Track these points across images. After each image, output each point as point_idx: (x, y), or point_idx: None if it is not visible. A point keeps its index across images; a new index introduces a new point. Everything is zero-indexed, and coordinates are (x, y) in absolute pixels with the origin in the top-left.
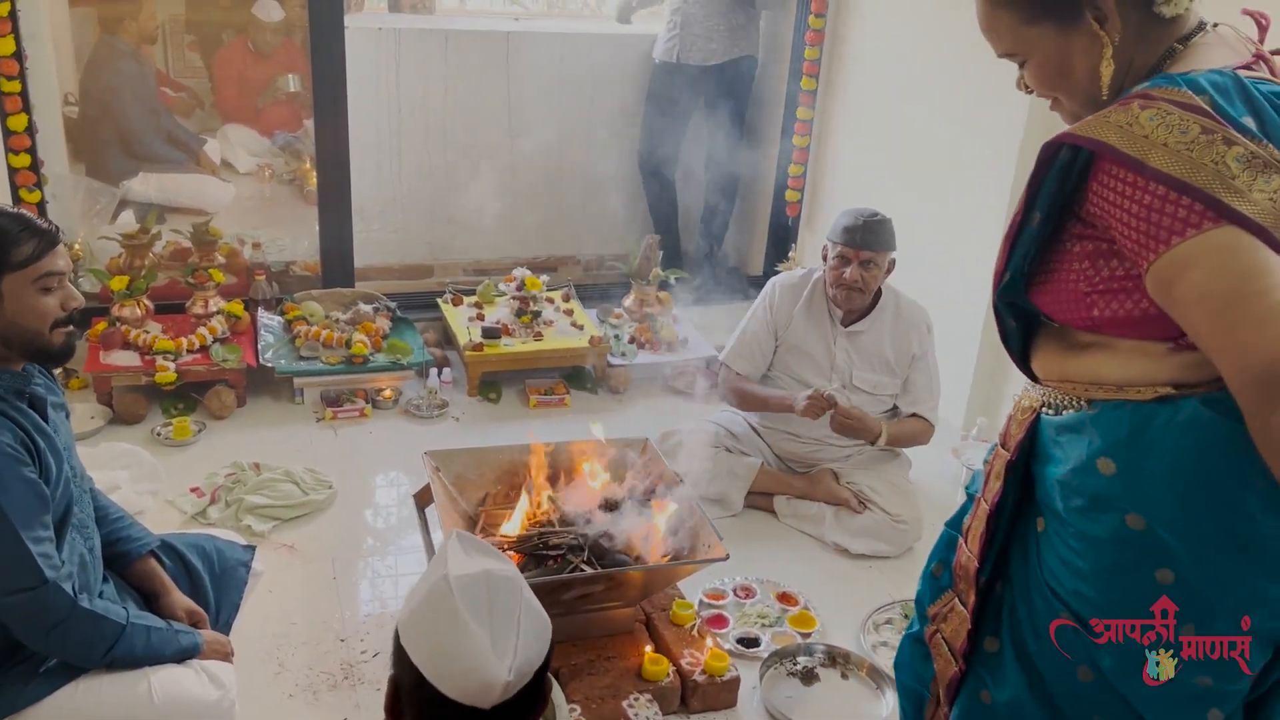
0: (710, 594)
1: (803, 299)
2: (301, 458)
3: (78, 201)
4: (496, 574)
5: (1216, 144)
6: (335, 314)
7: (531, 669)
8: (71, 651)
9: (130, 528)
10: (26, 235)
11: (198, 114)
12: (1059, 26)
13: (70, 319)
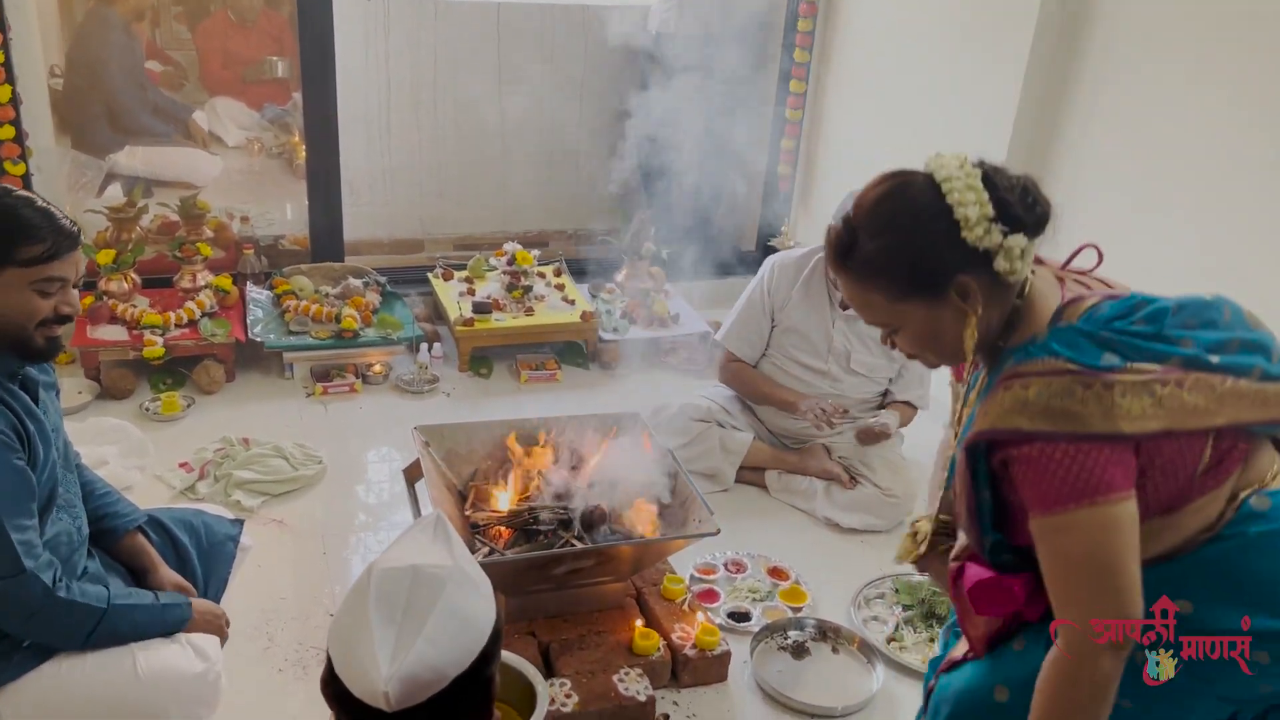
0: (701, 569)
1: (801, 279)
2: (291, 433)
3: (63, 174)
4: (425, 571)
5: (1097, 390)
6: (325, 289)
7: (437, 675)
8: (51, 637)
9: (117, 503)
10: (43, 234)
11: (186, 88)
12: (927, 302)
13: (59, 321)
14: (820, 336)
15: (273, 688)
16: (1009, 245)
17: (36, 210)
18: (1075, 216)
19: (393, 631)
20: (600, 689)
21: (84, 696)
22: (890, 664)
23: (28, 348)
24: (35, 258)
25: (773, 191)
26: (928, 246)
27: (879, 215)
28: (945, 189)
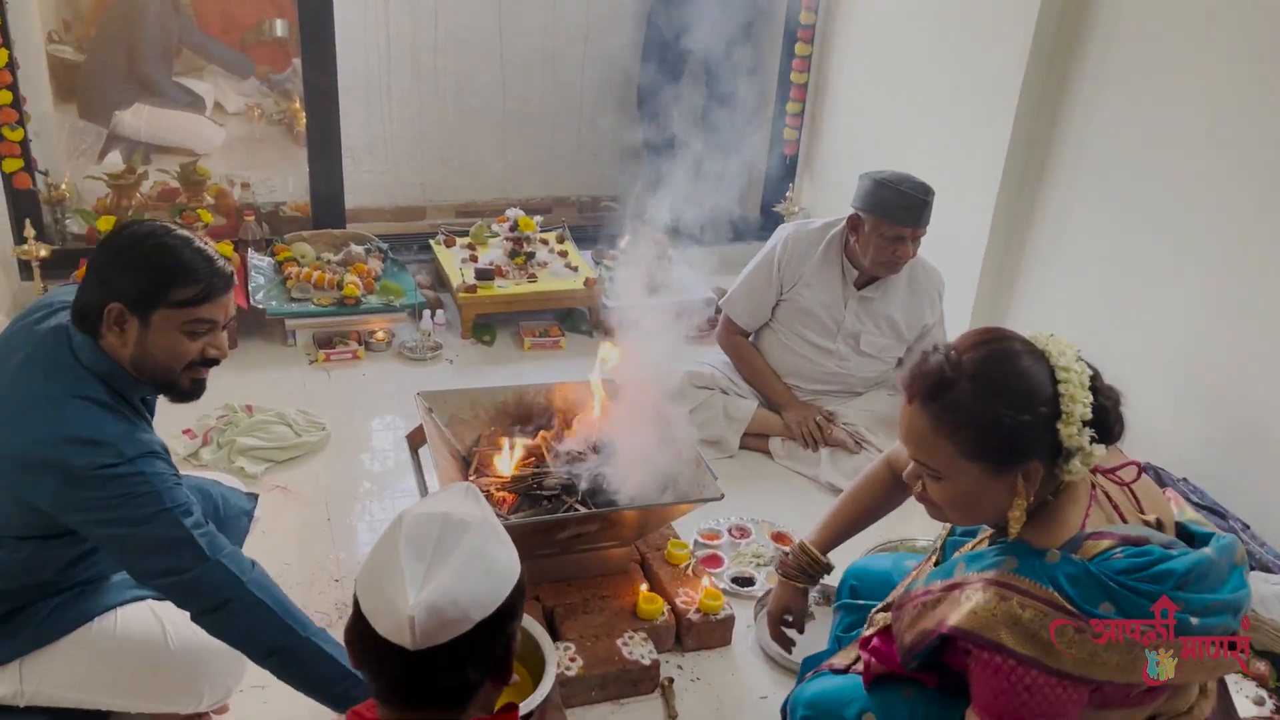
0: (705, 534)
1: (818, 255)
2: (294, 400)
3: (63, 140)
4: (454, 517)
5: (1087, 637)
6: (326, 255)
7: (462, 614)
8: (236, 639)
9: None
10: (199, 276)
11: (185, 54)
12: (990, 470)
13: (206, 364)
14: (832, 316)
15: None
16: (1090, 451)
17: (194, 251)
18: (1084, 175)
19: (421, 567)
20: (605, 653)
21: (113, 665)
22: None
23: (172, 389)
24: (188, 300)
25: (778, 157)
26: (1026, 426)
27: (993, 374)
28: (1061, 378)
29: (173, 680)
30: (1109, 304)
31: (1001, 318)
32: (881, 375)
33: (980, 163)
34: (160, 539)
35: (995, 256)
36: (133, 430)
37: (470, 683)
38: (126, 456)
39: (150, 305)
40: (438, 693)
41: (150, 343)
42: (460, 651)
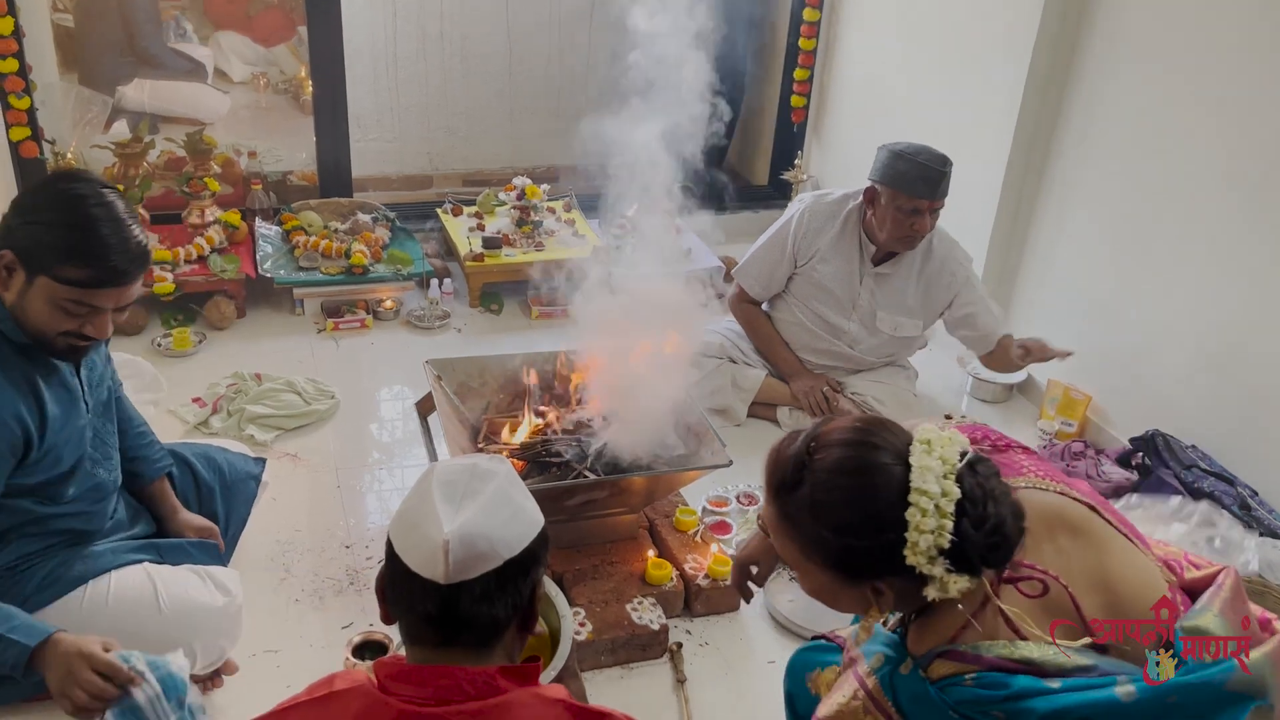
0: (714, 501)
1: (835, 229)
2: (303, 368)
3: (69, 109)
4: (482, 465)
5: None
6: (334, 224)
7: (491, 548)
8: None
9: (149, 446)
10: (94, 261)
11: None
12: (839, 577)
13: (82, 339)
14: (846, 293)
15: (290, 618)
16: (945, 581)
17: (111, 232)
18: (1095, 141)
19: (453, 506)
20: (614, 618)
21: (107, 629)
22: None
23: (46, 346)
24: (73, 280)
25: (786, 123)
26: (865, 549)
27: (837, 484)
28: (912, 500)
29: (165, 641)
30: (1118, 270)
31: (1011, 283)
32: (894, 354)
33: (990, 128)
34: None
35: (1005, 222)
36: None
37: (498, 621)
38: None
39: (37, 267)
40: (466, 629)
41: (28, 301)
42: (489, 587)
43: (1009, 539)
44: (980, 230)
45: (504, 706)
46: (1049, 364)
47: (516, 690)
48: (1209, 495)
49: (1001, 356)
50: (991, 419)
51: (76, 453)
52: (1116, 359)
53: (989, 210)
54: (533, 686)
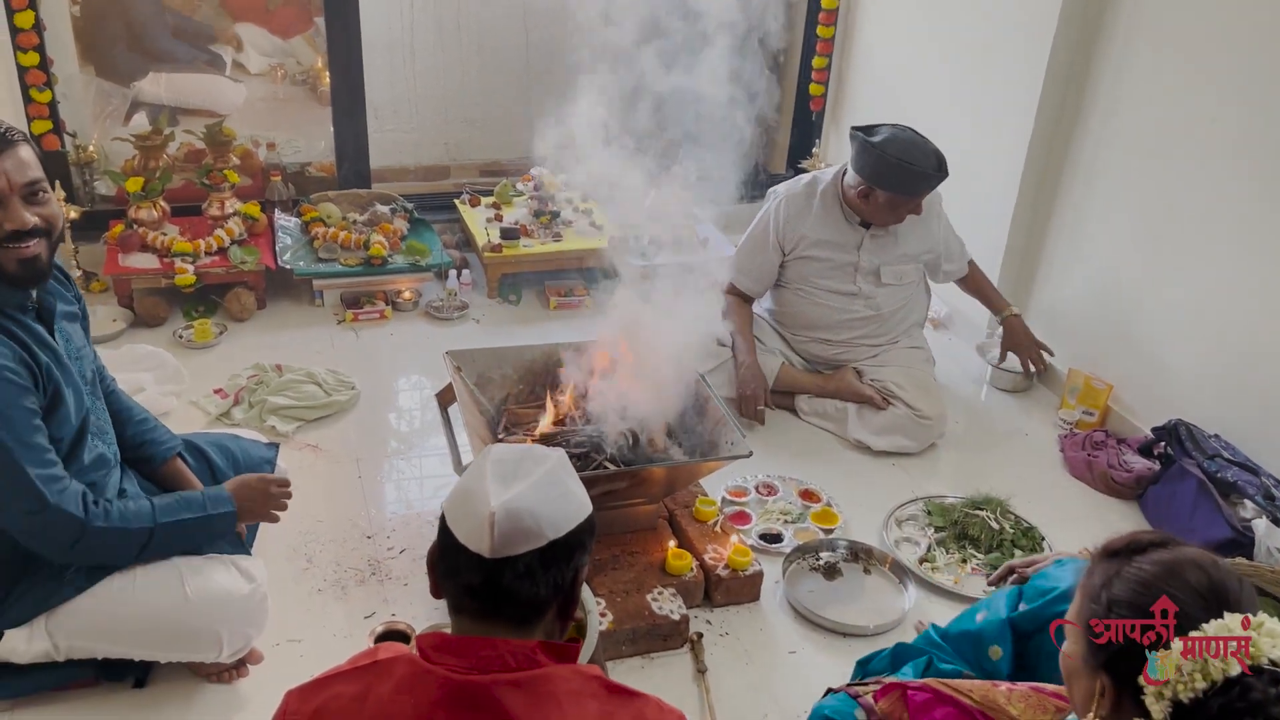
0: (733, 491)
1: (814, 209)
2: (323, 359)
3: (89, 102)
4: (535, 450)
5: None
6: (352, 215)
7: (537, 525)
8: (102, 559)
9: (154, 430)
10: None
11: (205, 12)
12: (1089, 657)
13: (18, 237)
14: (846, 259)
15: (312, 607)
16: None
17: None
18: (1117, 127)
19: (504, 484)
20: (634, 608)
21: (134, 618)
22: (922, 584)
23: (1, 273)
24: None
25: (804, 111)
26: (1123, 647)
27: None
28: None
29: (191, 630)
30: (1140, 258)
31: (1032, 272)
32: (907, 300)
33: (1011, 115)
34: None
35: (1026, 210)
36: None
37: (539, 600)
38: None
39: None
40: (508, 604)
41: None
42: (532, 564)
43: None
44: (1000, 218)
45: (544, 678)
46: (1070, 352)
47: (555, 665)
48: (1232, 485)
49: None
50: (1011, 408)
51: (81, 408)
52: (1138, 348)
53: (1009, 198)
54: (572, 664)
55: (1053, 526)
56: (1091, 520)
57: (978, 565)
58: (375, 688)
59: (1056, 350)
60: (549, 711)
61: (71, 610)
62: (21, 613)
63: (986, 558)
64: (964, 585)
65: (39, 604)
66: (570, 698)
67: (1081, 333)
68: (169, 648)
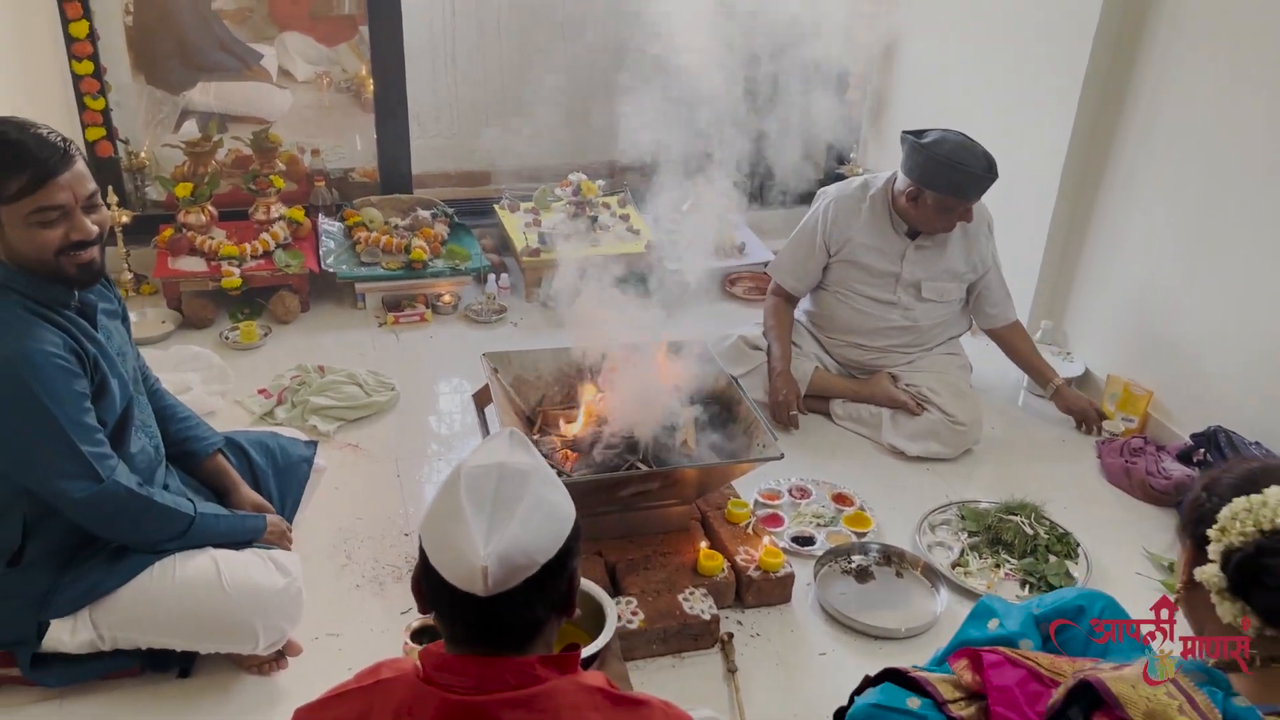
0: (766, 494)
1: (863, 213)
2: (364, 361)
3: (141, 110)
4: (510, 467)
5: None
6: (394, 220)
7: (529, 559)
8: (144, 537)
9: (197, 427)
10: (17, 168)
11: (253, 22)
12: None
13: (83, 245)
14: (889, 268)
15: (350, 603)
16: None
17: (21, 136)
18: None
19: (485, 519)
20: (665, 607)
21: (173, 609)
22: (954, 588)
23: (62, 276)
24: (20, 191)
25: (842, 117)
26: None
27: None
28: None
29: (229, 621)
30: (1182, 263)
31: (1070, 277)
32: (945, 318)
33: (1050, 119)
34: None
35: (1064, 214)
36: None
37: (539, 620)
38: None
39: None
40: (508, 632)
41: (11, 240)
42: (530, 592)
43: None
44: (1039, 223)
45: (545, 695)
46: (1109, 358)
47: (557, 679)
48: None
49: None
50: (1048, 414)
51: (125, 397)
52: (1179, 354)
53: (1048, 202)
54: (572, 674)
55: (1088, 533)
56: (1128, 527)
57: (1011, 570)
58: (376, 710)
59: (1095, 356)
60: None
61: (115, 601)
62: (67, 603)
63: (1020, 563)
64: (997, 590)
65: (84, 595)
66: (572, 711)
67: (1121, 339)
68: (207, 638)
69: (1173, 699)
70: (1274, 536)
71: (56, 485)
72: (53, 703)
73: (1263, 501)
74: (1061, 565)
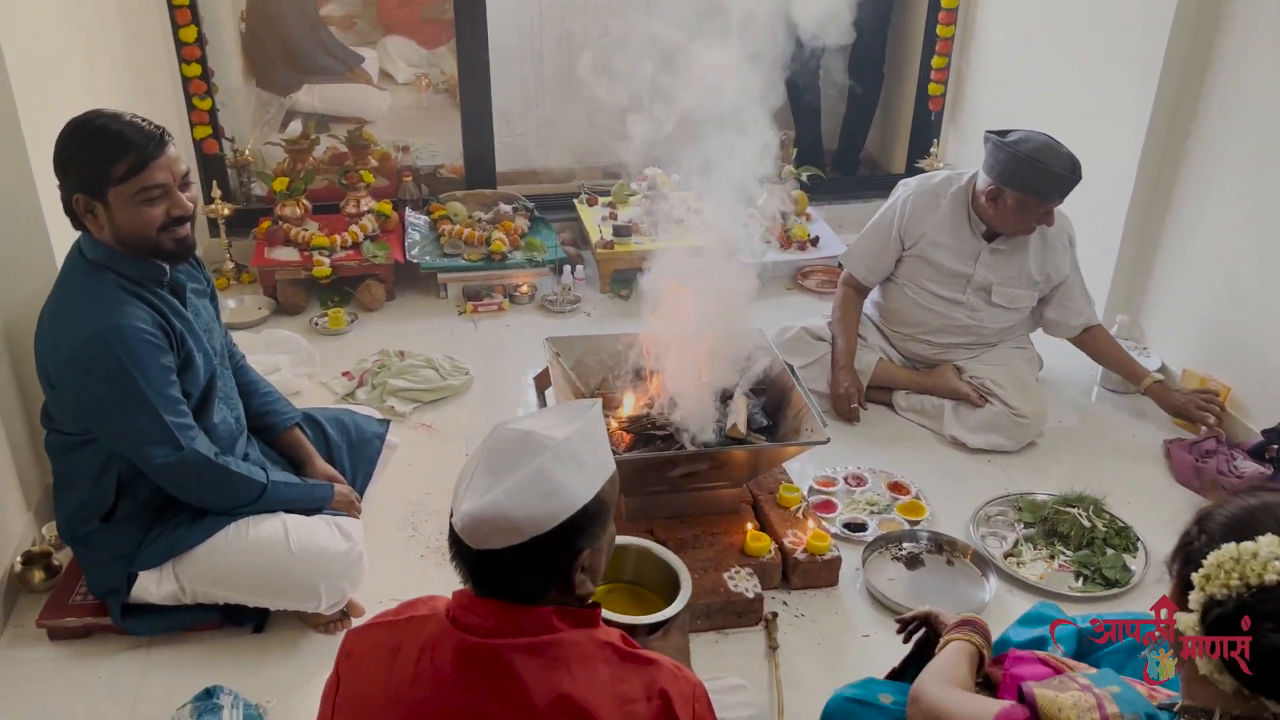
0: (821, 481)
1: (943, 209)
2: (443, 347)
3: (249, 110)
4: (535, 437)
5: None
6: (477, 214)
7: (510, 525)
8: (221, 502)
9: (277, 402)
10: (128, 148)
11: (360, 27)
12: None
13: (182, 221)
14: (961, 269)
15: (415, 572)
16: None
17: (120, 124)
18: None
19: (484, 477)
20: (711, 584)
21: (245, 566)
22: (1005, 577)
23: (161, 252)
24: (128, 172)
25: (923, 111)
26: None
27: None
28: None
29: (294, 580)
30: (1260, 255)
31: (1147, 272)
32: (1013, 325)
33: (1127, 112)
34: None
35: (1140, 208)
36: (120, 311)
37: (530, 587)
38: (99, 337)
39: (101, 187)
40: (501, 587)
41: (119, 219)
42: (519, 557)
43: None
44: (1114, 217)
45: (556, 644)
46: (1186, 353)
47: (570, 631)
48: None
49: (1101, 350)
50: (1122, 410)
51: (209, 371)
52: (1256, 349)
53: (1124, 196)
54: (589, 629)
55: (1151, 528)
56: None
57: (1065, 562)
58: (406, 645)
59: (1172, 351)
60: (558, 676)
61: (194, 556)
62: (153, 556)
63: (1075, 555)
64: (1049, 581)
65: (168, 550)
66: (581, 662)
67: (1198, 333)
68: (275, 595)
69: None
70: (1260, 594)
71: (142, 450)
72: (140, 650)
73: (1253, 552)
74: (1119, 559)
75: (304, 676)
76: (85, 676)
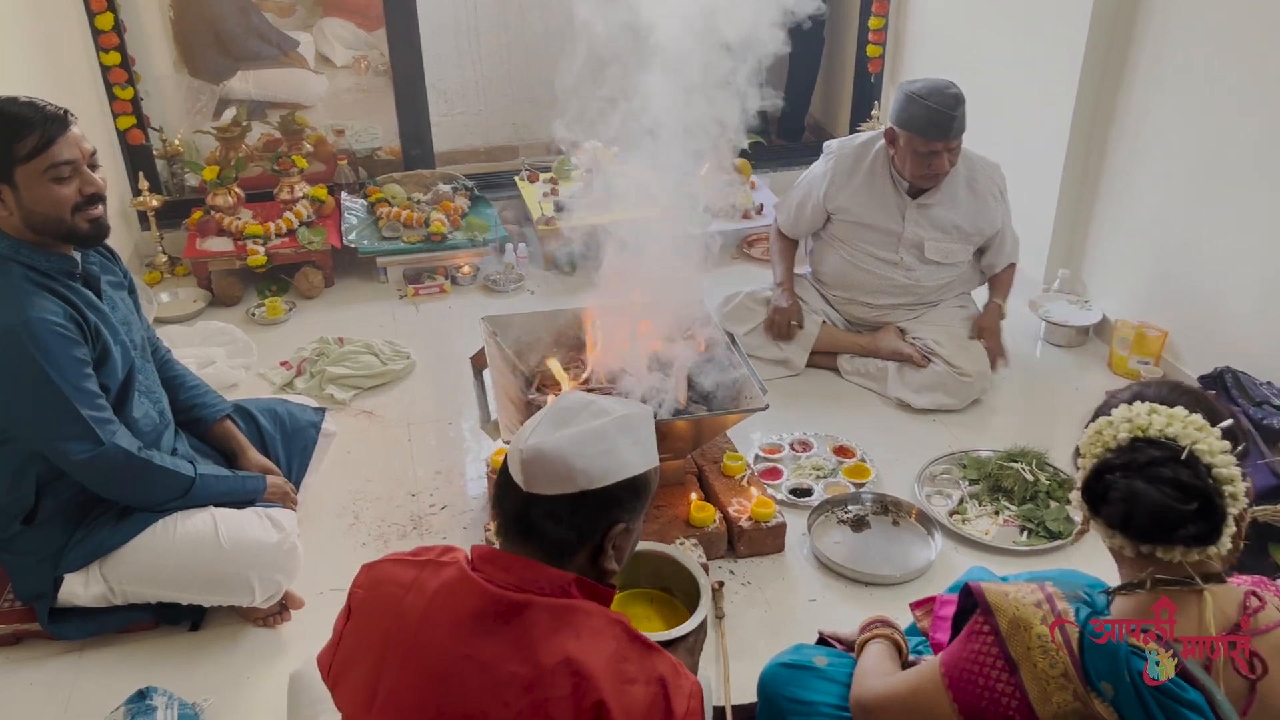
0: (766, 448)
1: (864, 169)
2: (385, 332)
3: (179, 100)
4: (600, 403)
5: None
6: (416, 195)
7: (567, 471)
8: (148, 498)
9: (205, 395)
10: (31, 126)
11: (300, 12)
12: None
13: (94, 200)
14: (890, 227)
15: (356, 560)
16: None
17: (19, 105)
18: (1166, 73)
19: (549, 424)
20: None
21: (175, 563)
22: (950, 534)
23: (75, 234)
24: (35, 149)
25: (864, 74)
26: None
27: None
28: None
29: (226, 575)
30: (1193, 204)
31: (1086, 224)
32: (951, 280)
33: (1060, 66)
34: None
35: (1077, 161)
36: (29, 304)
37: (564, 541)
38: (8, 331)
39: (6, 168)
40: (538, 537)
41: (29, 201)
42: (561, 507)
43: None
44: (1051, 173)
45: (570, 609)
46: (1126, 305)
47: (585, 601)
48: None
49: (998, 279)
50: (1065, 362)
51: (127, 364)
52: (1192, 296)
53: (1059, 151)
54: (603, 606)
55: None
56: None
57: (1010, 517)
58: (424, 582)
59: (1113, 304)
60: (566, 640)
61: (121, 556)
62: (79, 558)
63: (1019, 509)
64: (995, 537)
65: (94, 550)
66: (592, 634)
67: (1137, 285)
68: (208, 591)
69: (1039, 609)
70: (1115, 453)
71: (59, 447)
72: (72, 655)
73: (1109, 421)
74: (1061, 511)
75: (243, 672)
76: (15, 685)
